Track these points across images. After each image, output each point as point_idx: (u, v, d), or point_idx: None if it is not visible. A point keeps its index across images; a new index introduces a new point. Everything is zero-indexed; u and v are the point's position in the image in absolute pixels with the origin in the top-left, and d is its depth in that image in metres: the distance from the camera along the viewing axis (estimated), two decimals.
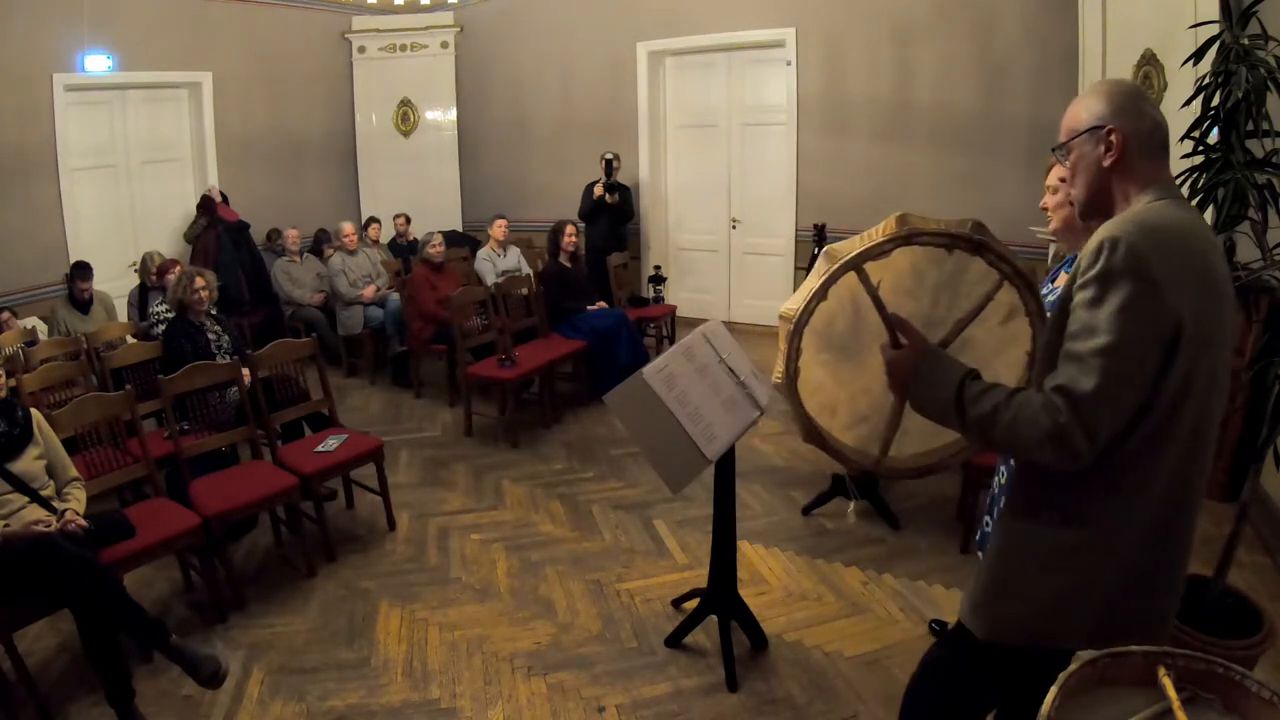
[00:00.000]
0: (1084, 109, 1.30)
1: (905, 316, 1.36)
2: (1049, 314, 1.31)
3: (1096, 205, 1.32)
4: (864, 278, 1.35)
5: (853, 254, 1.34)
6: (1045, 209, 1.99)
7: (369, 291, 5.84)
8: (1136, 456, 1.20)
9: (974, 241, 1.35)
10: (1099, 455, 1.17)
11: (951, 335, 1.41)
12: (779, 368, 1.44)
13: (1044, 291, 2.07)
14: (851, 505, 2.34)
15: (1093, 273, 1.16)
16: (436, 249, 5.45)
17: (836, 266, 1.35)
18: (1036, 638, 1.32)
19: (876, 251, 1.34)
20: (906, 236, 1.33)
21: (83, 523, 2.45)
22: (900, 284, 1.40)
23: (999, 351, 1.46)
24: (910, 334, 1.35)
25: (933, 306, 1.43)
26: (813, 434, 1.48)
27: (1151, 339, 1.14)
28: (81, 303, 4.89)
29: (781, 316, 1.43)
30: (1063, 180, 1.90)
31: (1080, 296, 1.18)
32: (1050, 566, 1.29)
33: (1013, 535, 1.36)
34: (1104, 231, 1.18)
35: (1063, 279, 1.85)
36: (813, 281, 1.39)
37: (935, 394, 1.29)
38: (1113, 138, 1.25)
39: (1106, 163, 1.27)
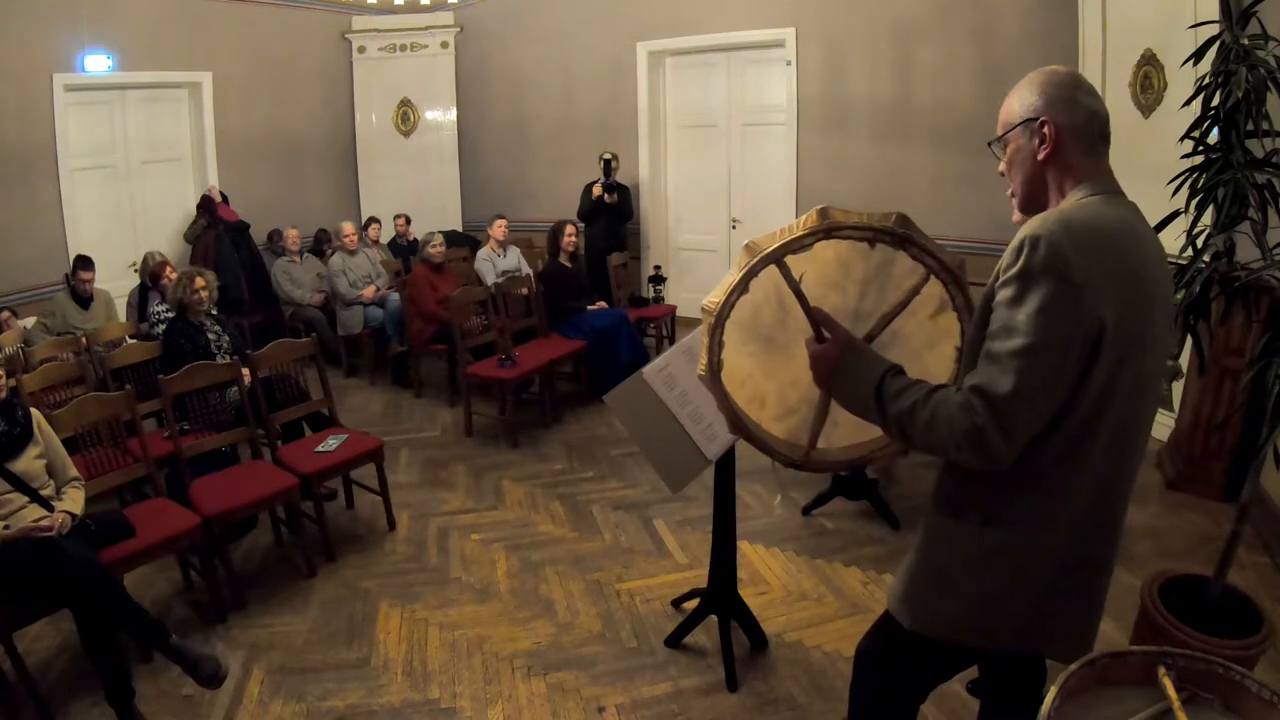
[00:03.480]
0: (1017, 100, 1.27)
1: (831, 309, 1.35)
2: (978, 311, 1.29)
3: (1033, 200, 1.30)
4: (785, 271, 1.33)
5: (773, 247, 1.32)
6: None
7: (368, 292, 5.84)
8: (1057, 459, 1.19)
9: (897, 235, 1.33)
10: (1019, 457, 1.15)
11: (877, 329, 1.39)
12: (702, 359, 1.43)
13: None
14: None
15: (1013, 271, 1.14)
16: (437, 249, 5.45)
17: (756, 260, 1.33)
18: (963, 635, 1.32)
19: (796, 245, 1.32)
20: (827, 230, 1.31)
21: (58, 520, 2.42)
22: (826, 276, 1.38)
23: (931, 345, 1.44)
24: (833, 328, 1.32)
25: (860, 299, 1.41)
26: (738, 425, 1.46)
27: (1071, 341, 1.11)
28: (83, 297, 4.89)
29: (704, 309, 1.42)
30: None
31: (1001, 295, 1.16)
32: (976, 566, 1.28)
33: (938, 531, 1.36)
34: (1027, 229, 1.15)
35: None
36: (733, 275, 1.38)
37: (856, 389, 1.27)
38: (1046, 130, 1.22)
39: (1041, 156, 1.25)
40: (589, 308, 5.23)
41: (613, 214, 6.33)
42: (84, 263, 4.89)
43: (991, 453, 1.11)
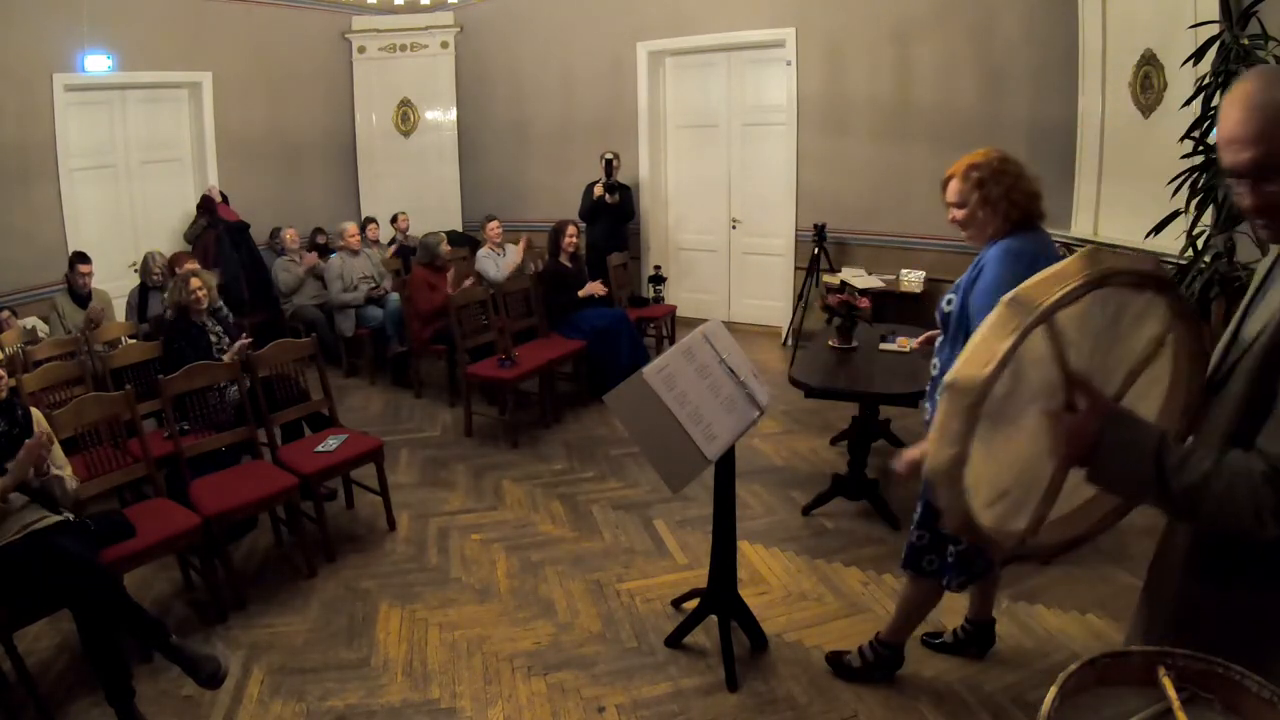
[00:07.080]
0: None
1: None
2: (1247, 360, 1.13)
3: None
4: (1054, 331, 1.12)
5: (1047, 303, 1.09)
6: (955, 221, 2.08)
7: (363, 293, 5.80)
8: None
9: (1165, 281, 1.15)
10: None
11: (1124, 389, 1.20)
12: (946, 450, 1.15)
13: (944, 300, 2.10)
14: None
15: None
16: (449, 249, 5.44)
17: (1030, 319, 1.09)
18: None
19: (1071, 298, 1.10)
20: (1101, 277, 1.11)
21: (42, 439, 2.45)
22: (1067, 333, 1.17)
23: (1142, 396, 1.25)
24: (1093, 394, 1.12)
25: (1091, 354, 1.19)
26: (968, 525, 1.21)
27: None
28: (81, 295, 4.88)
29: (949, 387, 1.14)
30: (951, 204, 2.04)
31: None
32: (1249, 633, 1.17)
33: (1198, 603, 1.23)
34: None
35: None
36: (996, 342, 1.11)
37: (1128, 463, 1.08)
38: None
39: None
40: (579, 293, 5.20)
41: (614, 214, 6.32)
42: (82, 257, 4.89)
43: None
